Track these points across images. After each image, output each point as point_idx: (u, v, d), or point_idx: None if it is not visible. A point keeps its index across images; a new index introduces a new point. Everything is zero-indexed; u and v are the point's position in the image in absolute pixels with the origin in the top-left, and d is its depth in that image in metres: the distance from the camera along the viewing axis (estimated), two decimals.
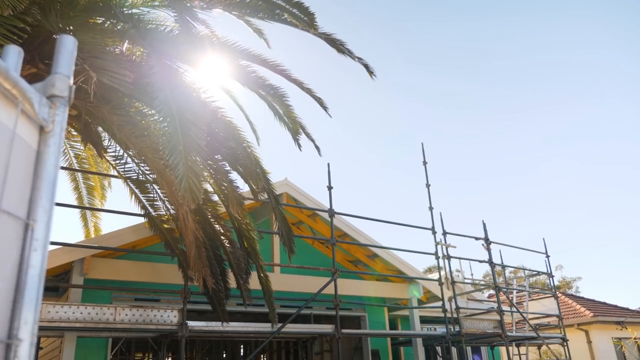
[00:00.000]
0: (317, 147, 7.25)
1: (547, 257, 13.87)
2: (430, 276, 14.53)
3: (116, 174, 7.61)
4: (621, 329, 19.29)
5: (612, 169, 59.33)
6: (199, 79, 5.83)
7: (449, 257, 10.92)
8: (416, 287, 11.77)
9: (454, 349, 13.29)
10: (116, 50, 5.84)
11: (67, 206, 7.94)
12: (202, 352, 18.33)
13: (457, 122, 61.52)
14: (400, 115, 61.88)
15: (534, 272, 15.38)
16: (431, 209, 11.17)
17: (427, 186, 11.37)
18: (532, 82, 56.59)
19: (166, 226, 7.45)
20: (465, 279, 15.60)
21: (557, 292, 14.66)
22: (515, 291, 15.25)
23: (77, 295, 7.79)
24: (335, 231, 9.67)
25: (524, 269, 15.34)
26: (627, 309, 22.10)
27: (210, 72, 6.32)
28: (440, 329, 11.67)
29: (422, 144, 11.88)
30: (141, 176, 7.21)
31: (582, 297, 23.76)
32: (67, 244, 7.39)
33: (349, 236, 11.17)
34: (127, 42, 5.60)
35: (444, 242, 10.99)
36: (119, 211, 7.84)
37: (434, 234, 10.98)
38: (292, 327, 8.65)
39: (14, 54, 0.95)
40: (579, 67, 52.45)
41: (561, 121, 57.29)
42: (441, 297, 10.69)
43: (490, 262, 11.59)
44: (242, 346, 17.90)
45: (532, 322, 13.50)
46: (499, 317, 11.09)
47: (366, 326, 11.76)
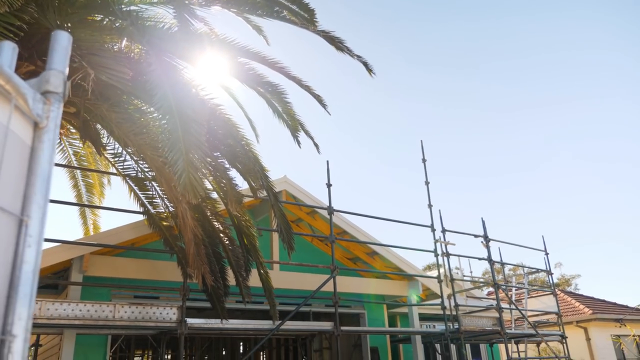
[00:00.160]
0: (316, 145, 7.25)
1: (546, 254, 13.88)
2: (429, 274, 14.55)
3: (115, 171, 7.60)
4: (620, 327, 19.32)
5: (612, 167, 59.39)
6: (197, 77, 5.82)
7: (448, 255, 10.93)
8: (416, 290, 11.78)
9: (453, 346, 13.35)
10: (115, 47, 5.83)
11: (66, 204, 7.93)
12: (202, 350, 18.36)
13: (457, 121, 61.55)
14: (400, 114, 61.89)
15: (533, 270, 15.39)
16: (430, 206, 11.17)
17: (427, 184, 11.37)
18: (532, 82, 56.60)
19: (165, 224, 7.45)
20: (464, 276, 15.60)
21: (556, 290, 14.67)
22: (514, 289, 15.27)
23: (77, 292, 7.79)
24: (334, 229, 9.67)
25: (523, 267, 15.33)
26: (626, 307, 22.13)
27: (209, 70, 6.31)
28: (439, 327, 11.67)
29: (421, 141, 11.89)
30: (140, 174, 7.21)
31: (581, 295, 23.79)
32: (66, 242, 7.39)
33: (348, 234, 11.18)
34: (125, 39, 5.59)
35: (443, 239, 10.99)
36: (118, 209, 7.84)
37: (433, 231, 10.99)
38: (291, 325, 8.67)
39: (8, 50, 0.95)
40: (579, 66, 52.47)
41: (561, 120, 57.32)
42: (440, 294, 10.71)
43: (489, 259, 11.60)
44: (241, 343, 17.94)
45: (531, 319, 13.53)
46: (498, 315, 11.11)
47: (365, 323, 11.78)
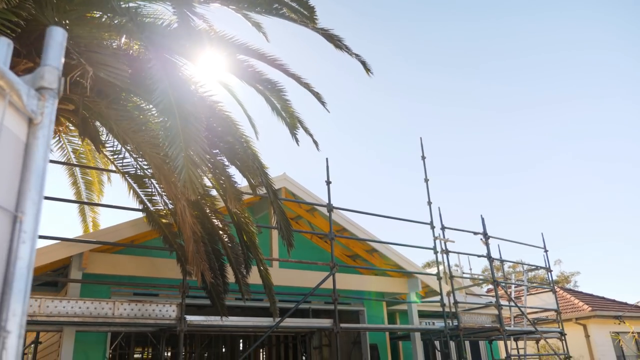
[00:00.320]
0: (315, 142, 7.25)
1: (546, 251, 13.90)
2: (428, 271, 14.56)
3: (114, 168, 7.60)
4: (619, 323, 19.36)
5: (611, 167, 59.46)
6: (197, 74, 5.81)
7: (448, 252, 10.93)
8: (415, 288, 11.79)
9: (452, 343, 13.37)
10: (113, 44, 5.82)
11: (65, 201, 7.93)
12: (202, 347, 18.40)
13: (457, 120, 61.49)
14: (400, 114, 61.84)
15: (533, 267, 15.41)
16: (430, 203, 11.17)
17: (426, 181, 11.38)
18: (532, 81, 56.55)
19: (164, 221, 7.45)
20: (463, 273, 15.62)
21: (556, 287, 14.69)
22: (513, 286, 15.29)
23: (76, 289, 7.80)
24: (333, 226, 9.67)
25: (523, 264, 15.34)
26: (625, 304, 22.17)
27: (208, 67, 6.29)
28: (438, 324, 11.69)
29: (420, 138, 11.89)
30: (139, 171, 7.21)
31: (581, 292, 23.83)
32: (65, 239, 7.39)
33: (347, 231, 11.18)
34: (124, 36, 5.58)
35: (442, 236, 11.00)
36: (117, 206, 7.83)
37: (433, 228, 11.00)
38: (290, 322, 8.68)
39: (3, 47, 0.94)
40: (579, 66, 52.44)
41: (561, 120, 57.32)
42: (439, 291, 10.72)
43: (488, 256, 11.61)
44: (241, 340, 17.97)
45: (530, 316, 13.55)
46: (497, 312, 11.12)
47: (365, 320, 11.79)
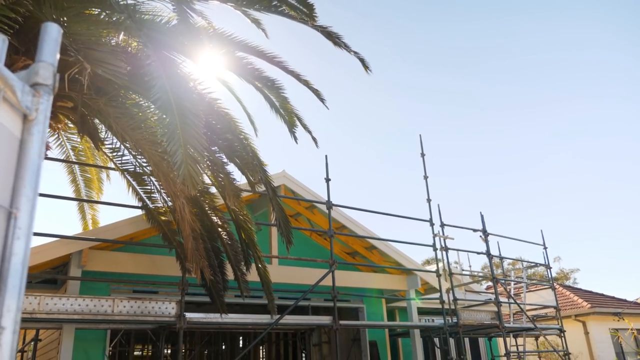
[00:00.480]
0: (314, 139, 7.25)
1: (545, 248, 13.91)
2: (428, 268, 14.57)
3: (113, 166, 7.59)
4: (618, 320, 19.40)
5: (611, 165, 59.52)
6: (195, 71, 5.80)
7: (447, 249, 10.94)
8: (416, 291, 11.81)
9: (451, 340, 13.38)
10: (112, 41, 5.80)
11: (64, 198, 7.92)
12: (201, 344, 18.43)
13: (457, 120, 61.40)
14: (400, 113, 61.76)
15: (532, 264, 15.43)
16: (429, 200, 11.18)
17: (425, 178, 11.38)
18: (533, 81, 56.49)
19: (163, 218, 7.45)
20: (463, 270, 15.65)
21: (555, 284, 14.71)
22: (512, 283, 15.30)
23: (75, 287, 7.80)
24: (333, 223, 9.68)
25: (522, 261, 15.36)
26: (624, 300, 22.21)
27: (207, 64, 6.29)
28: (438, 321, 11.71)
29: (419, 135, 11.89)
30: (138, 168, 7.20)
31: (580, 289, 23.86)
32: (64, 236, 7.39)
33: (346, 228, 11.18)
34: (122, 33, 5.56)
35: (441, 234, 11.01)
36: (117, 203, 7.84)
37: (432, 225, 11.00)
38: (290, 319, 8.69)
39: None
40: (579, 66, 52.40)
41: (562, 119, 57.31)
42: (439, 288, 10.73)
43: (488, 253, 11.62)
44: (240, 338, 17.99)
45: (529, 313, 13.56)
46: (496, 309, 11.14)
47: (364, 317, 11.81)
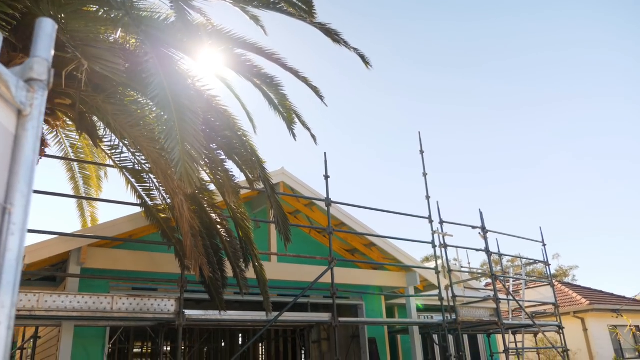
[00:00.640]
0: (313, 136, 7.23)
1: (544, 245, 13.93)
2: (427, 265, 14.59)
3: (112, 163, 7.58)
4: (617, 317, 19.45)
5: (611, 164, 59.57)
6: (194, 68, 5.79)
7: (446, 246, 10.95)
8: (414, 282, 11.80)
9: (450, 337, 13.41)
10: (110, 38, 5.79)
11: (63, 196, 7.92)
12: (201, 341, 18.45)
13: (457, 119, 61.24)
14: (400, 113, 61.65)
15: (531, 261, 15.45)
16: (428, 197, 11.18)
17: (424, 175, 11.38)
18: (533, 80, 56.40)
19: (162, 215, 7.45)
20: (462, 267, 15.66)
21: (554, 281, 14.74)
22: (511, 279, 15.33)
23: (74, 284, 7.79)
24: (332, 220, 9.68)
25: (521, 258, 15.38)
26: (623, 297, 22.26)
27: (205, 61, 6.27)
28: (437, 318, 11.72)
29: (419, 132, 11.89)
30: (137, 165, 7.19)
31: (579, 286, 23.90)
32: (64, 234, 7.39)
33: (346, 225, 11.19)
34: (120, 30, 5.54)
35: (440, 231, 11.02)
36: (116, 201, 7.83)
37: (431, 222, 11.01)
38: (289, 316, 8.70)
39: None
40: (579, 65, 52.33)
41: (562, 118, 57.31)
42: (438, 285, 10.75)
43: (487, 250, 11.63)
44: (240, 335, 18.01)
45: (528, 310, 13.59)
46: (495, 306, 11.16)
47: (363, 315, 11.82)
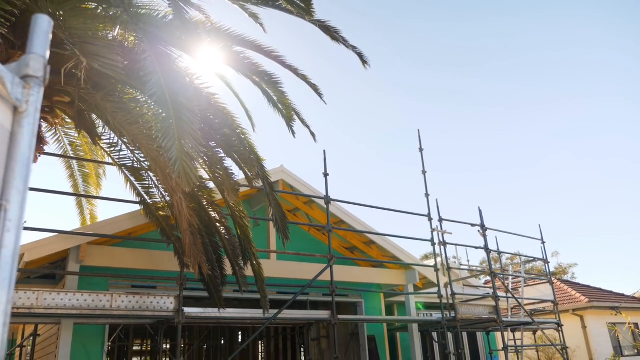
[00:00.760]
0: (312, 134, 7.23)
1: (543, 243, 13.94)
2: (426, 263, 14.59)
3: (111, 161, 7.58)
4: (616, 315, 19.48)
5: (610, 163, 59.73)
6: (193, 65, 5.78)
7: (445, 244, 10.96)
8: (413, 279, 11.82)
9: (449, 335, 13.43)
10: (109, 36, 5.78)
11: (62, 194, 7.92)
12: (200, 339, 18.47)
13: (457, 118, 61.39)
14: (400, 112, 61.70)
15: (530, 259, 15.47)
16: (427, 195, 11.18)
17: (424, 173, 11.38)
18: (533, 79, 56.52)
19: (162, 213, 7.44)
20: (461, 265, 15.68)
21: (553, 278, 14.76)
22: (511, 277, 15.35)
23: (74, 282, 7.80)
24: (331, 218, 9.68)
25: (520, 255, 15.40)
26: (622, 295, 22.29)
27: (204, 58, 6.26)
28: (436, 315, 11.75)
29: (418, 130, 11.88)
30: (136, 163, 7.19)
31: (578, 283, 23.93)
32: (63, 232, 7.38)
33: (345, 223, 11.19)
34: (119, 27, 5.53)
35: (440, 228, 11.02)
36: (115, 199, 7.83)
37: (430, 220, 11.01)
38: (288, 314, 8.71)
39: None
40: (579, 65, 52.49)
41: (562, 117, 57.43)
42: (437, 283, 10.76)
43: (486, 248, 11.64)
44: (240, 332, 18.04)
45: (527, 307, 13.61)
46: (494, 303, 11.17)
47: (362, 312, 11.83)
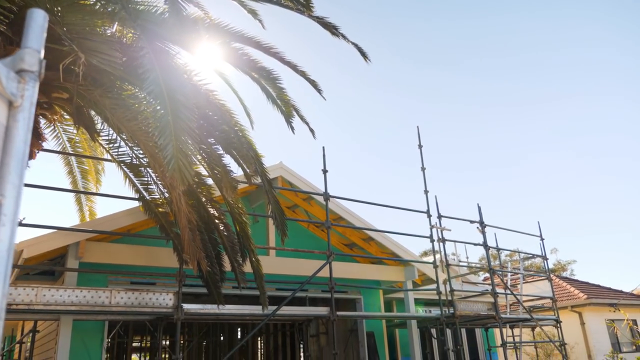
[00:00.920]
0: (311, 130, 7.23)
1: (542, 240, 13.96)
2: (425, 259, 14.63)
3: (110, 157, 7.58)
4: (614, 311, 19.51)
5: (610, 161, 59.85)
6: (191, 62, 5.77)
7: (444, 240, 10.97)
8: (412, 276, 11.85)
9: (448, 331, 13.47)
10: (107, 32, 5.76)
11: (61, 190, 7.92)
12: (200, 335, 18.51)
13: (457, 117, 61.42)
14: (399, 111, 61.79)
15: (529, 255, 15.49)
16: (426, 192, 11.19)
17: (423, 169, 11.38)
18: (533, 78, 56.56)
19: (161, 210, 7.45)
20: (460, 262, 15.70)
21: (552, 275, 14.79)
22: (509, 274, 15.38)
23: (73, 278, 7.81)
24: (330, 214, 9.69)
25: (519, 252, 15.42)
26: (620, 291, 22.33)
27: (203, 55, 6.25)
28: (435, 311, 11.77)
29: (417, 127, 11.87)
30: (135, 160, 7.19)
31: (576, 280, 23.98)
32: (62, 228, 7.39)
33: (344, 219, 11.20)
34: (117, 23, 5.52)
35: (439, 225, 11.03)
36: (114, 195, 7.83)
37: (429, 217, 11.02)
38: (287, 310, 8.72)
39: None
40: (579, 64, 52.54)
41: (562, 116, 57.48)
42: (436, 279, 10.78)
43: (485, 245, 11.66)
44: (239, 329, 18.06)
45: (526, 304, 13.65)
46: (493, 300, 11.20)
47: (361, 308, 11.86)
